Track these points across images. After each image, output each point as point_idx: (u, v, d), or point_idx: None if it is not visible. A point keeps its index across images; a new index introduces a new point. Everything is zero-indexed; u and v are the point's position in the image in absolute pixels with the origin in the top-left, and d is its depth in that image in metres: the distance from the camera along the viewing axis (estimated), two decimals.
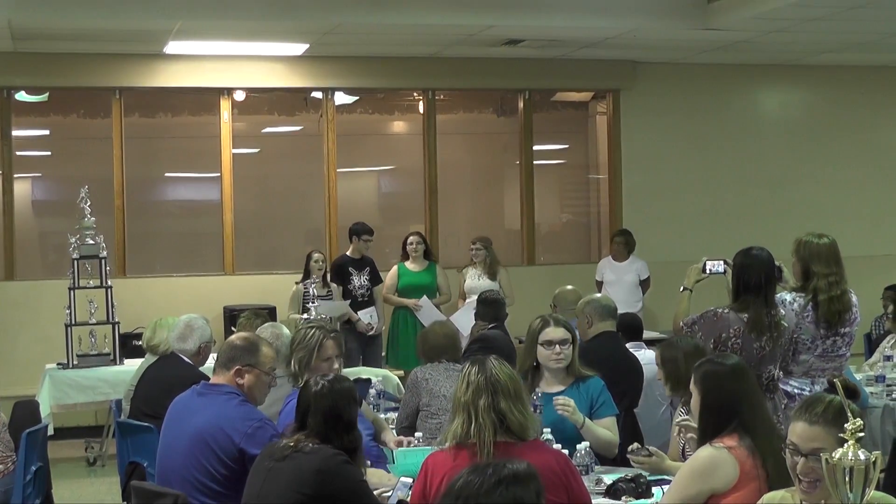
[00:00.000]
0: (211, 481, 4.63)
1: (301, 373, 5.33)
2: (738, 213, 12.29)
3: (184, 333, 6.60)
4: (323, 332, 5.46)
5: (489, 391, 4.08)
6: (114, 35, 10.03)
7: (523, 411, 4.12)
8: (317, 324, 5.71)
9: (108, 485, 8.68)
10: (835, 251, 6.00)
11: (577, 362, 5.59)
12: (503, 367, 4.18)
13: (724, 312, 5.86)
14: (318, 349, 5.35)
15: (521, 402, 4.14)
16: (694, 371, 4.42)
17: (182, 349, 6.57)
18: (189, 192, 12.65)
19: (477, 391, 4.09)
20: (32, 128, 11.67)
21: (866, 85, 12.77)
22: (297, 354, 5.38)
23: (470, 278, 10.81)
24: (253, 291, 10.92)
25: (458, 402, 4.14)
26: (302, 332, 5.50)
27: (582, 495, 4.12)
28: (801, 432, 3.31)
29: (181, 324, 6.66)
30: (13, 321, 10.66)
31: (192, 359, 6.57)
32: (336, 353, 5.42)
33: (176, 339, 6.62)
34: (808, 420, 3.31)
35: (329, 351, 5.38)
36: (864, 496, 2.85)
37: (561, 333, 5.54)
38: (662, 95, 12.25)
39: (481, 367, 4.15)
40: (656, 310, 11.60)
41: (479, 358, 4.24)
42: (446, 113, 12.31)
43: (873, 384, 7.58)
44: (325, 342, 5.39)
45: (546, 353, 5.54)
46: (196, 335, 6.59)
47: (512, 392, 4.12)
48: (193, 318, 6.70)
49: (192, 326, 6.63)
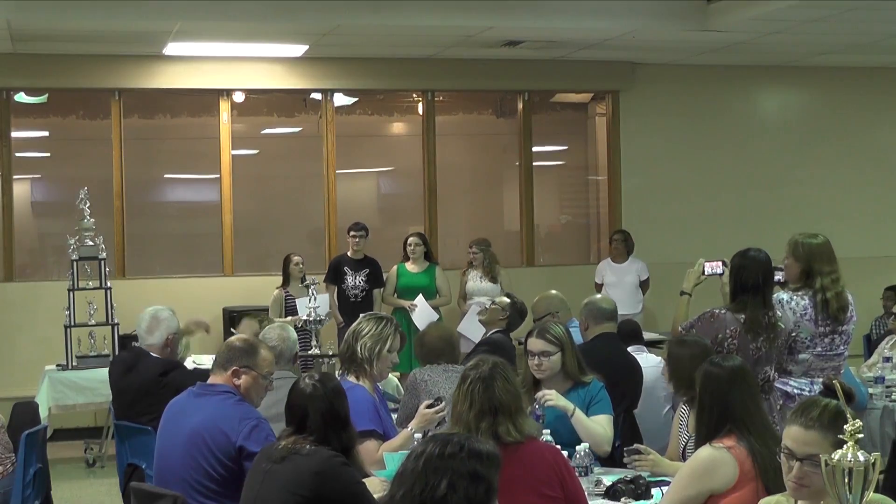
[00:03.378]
0: (209, 481, 4.63)
1: (370, 361, 5.31)
2: (737, 214, 12.29)
3: (150, 326, 6.54)
4: (393, 324, 5.46)
5: (491, 414, 4.11)
6: (113, 36, 10.03)
7: (521, 426, 4.15)
8: (384, 316, 5.65)
9: (107, 486, 8.68)
10: (831, 249, 6.05)
11: (572, 368, 5.51)
12: (507, 385, 4.19)
13: (720, 313, 5.87)
14: (391, 340, 5.35)
15: (520, 416, 4.17)
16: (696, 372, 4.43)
17: (150, 343, 6.53)
18: (188, 193, 12.64)
19: (480, 414, 4.13)
20: (32, 129, 11.66)
21: (865, 86, 12.77)
22: (367, 342, 5.33)
23: (471, 280, 10.80)
24: (252, 293, 10.91)
25: (460, 417, 4.17)
26: (370, 322, 5.42)
27: (576, 489, 4.13)
28: (795, 436, 3.30)
29: (147, 316, 6.58)
30: (12, 322, 10.66)
31: (159, 352, 6.51)
32: (399, 348, 5.44)
33: (144, 332, 6.56)
34: (803, 424, 3.29)
35: (397, 344, 5.40)
36: (863, 498, 2.84)
37: (540, 345, 5.46)
38: (662, 97, 12.25)
39: (486, 386, 4.16)
40: (656, 311, 11.61)
41: (485, 373, 4.21)
42: (445, 114, 12.31)
43: (872, 385, 7.58)
44: (396, 335, 5.40)
45: (529, 362, 5.54)
46: (162, 327, 6.54)
47: (513, 411, 4.15)
48: (159, 309, 6.63)
49: (159, 318, 6.57)
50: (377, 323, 5.42)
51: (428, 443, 3.06)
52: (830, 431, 3.22)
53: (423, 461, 3.00)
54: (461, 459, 2.98)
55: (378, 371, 5.38)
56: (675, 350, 5.47)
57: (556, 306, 7.46)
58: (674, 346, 5.54)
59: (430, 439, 3.09)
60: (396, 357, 5.44)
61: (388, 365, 5.43)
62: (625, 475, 4.79)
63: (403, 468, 3.05)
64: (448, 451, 3.00)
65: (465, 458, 2.99)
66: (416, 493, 2.97)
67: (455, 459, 2.98)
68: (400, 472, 3.06)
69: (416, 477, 2.98)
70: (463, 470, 2.97)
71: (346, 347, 5.44)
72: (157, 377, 6.24)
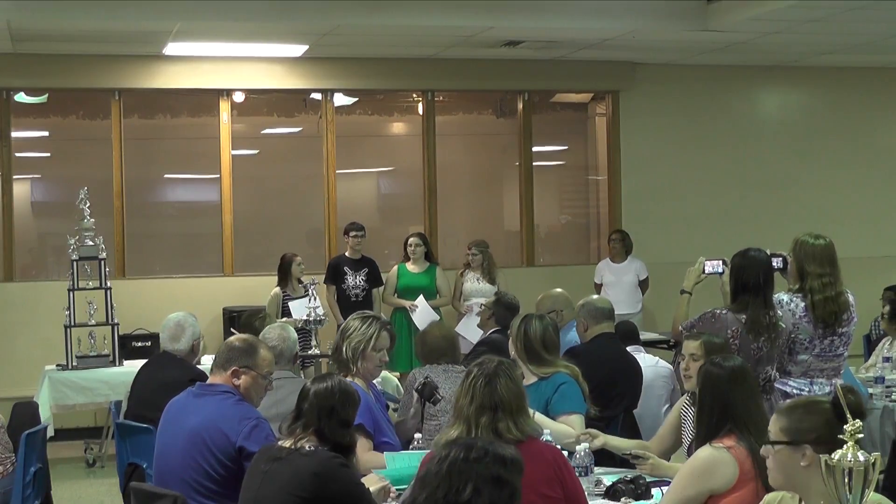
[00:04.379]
0: (209, 481, 4.62)
1: (354, 360, 5.31)
2: (737, 214, 12.29)
3: (175, 333, 6.61)
4: (380, 322, 5.45)
5: (492, 410, 4.11)
6: (113, 36, 10.03)
7: (523, 426, 4.15)
8: (372, 315, 5.64)
9: (107, 486, 8.68)
10: (830, 252, 5.99)
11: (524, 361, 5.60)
12: (509, 384, 4.18)
13: (721, 313, 5.87)
14: (375, 339, 5.34)
15: (522, 415, 4.17)
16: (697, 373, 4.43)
17: (175, 349, 6.59)
18: (188, 193, 12.64)
19: (480, 409, 4.12)
20: (32, 129, 11.66)
21: (865, 86, 12.77)
22: (351, 342, 5.34)
23: (469, 282, 10.80)
24: (252, 293, 10.90)
25: (461, 412, 4.16)
26: (357, 321, 5.43)
27: (576, 489, 4.13)
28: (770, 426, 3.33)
29: (171, 323, 6.66)
30: (12, 322, 10.66)
31: (186, 357, 6.59)
32: (388, 347, 5.42)
33: (168, 339, 6.62)
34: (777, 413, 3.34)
35: (384, 342, 5.38)
36: (863, 497, 2.85)
37: None
38: (661, 97, 12.25)
39: (488, 382, 4.15)
40: (655, 311, 11.61)
41: (489, 369, 4.21)
42: (445, 114, 12.31)
43: (872, 385, 7.59)
44: (382, 333, 5.38)
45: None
46: (188, 333, 6.61)
47: (514, 409, 4.14)
48: (182, 316, 6.70)
49: (183, 325, 6.64)
50: (363, 321, 5.42)
51: (452, 447, 3.08)
52: (783, 416, 3.27)
53: (447, 465, 3.03)
54: (486, 464, 3.01)
55: (364, 369, 5.36)
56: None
57: (561, 304, 7.46)
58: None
59: (454, 443, 3.11)
60: (385, 355, 5.41)
61: (376, 363, 5.40)
62: (625, 475, 4.79)
63: (427, 471, 3.07)
64: (473, 455, 3.02)
65: (490, 462, 3.02)
66: (440, 496, 2.99)
67: (480, 464, 3.01)
68: (423, 475, 3.08)
69: (440, 480, 3.01)
70: (487, 474, 3.00)
71: (335, 346, 5.45)
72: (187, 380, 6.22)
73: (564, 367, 5.63)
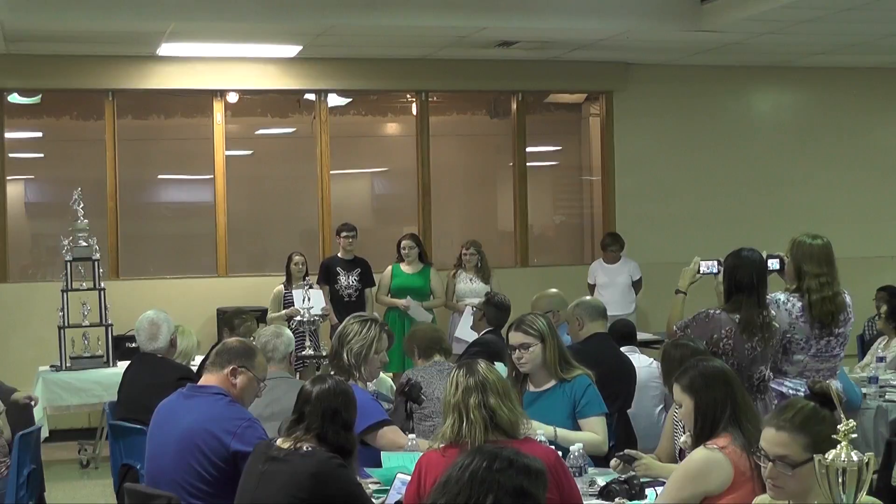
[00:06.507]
0: (201, 483, 4.60)
1: (358, 365, 5.31)
2: (731, 214, 12.29)
3: (152, 332, 6.65)
4: (379, 325, 5.44)
5: (478, 389, 4.13)
6: (107, 37, 10.02)
7: (513, 409, 4.17)
8: (368, 317, 5.63)
9: (101, 487, 8.66)
10: (827, 252, 5.99)
11: (554, 363, 5.45)
12: (491, 369, 4.23)
13: (715, 313, 5.87)
14: (377, 342, 5.34)
15: (510, 400, 4.19)
16: (677, 379, 4.40)
17: (155, 349, 6.59)
18: (182, 193, 12.64)
19: (467, 391, 4.14)
20: (25, 130, 11.65)
21: (859, 86, 12.78)
22: (353, 348, 5.33)
23: (462, 282, 10.79)
24: (246, 293, 10.91)
25: (448, 404, 4.19)
26: (355, 325, 5.40)
27: (573, 493, 4.12)
28: (767, 437, 3.33)
29: (146, 324, 6.68)
30: (6, 323, 10.65)
31: (167, 354, 6.61)
32: (388, 347, 5.42)
33: (147, 339, 6.65)
34: (775, 426, 3.32)
35: (384, 344, 5.38)
36: (857, 497, 2.85)
37: (519, 338, 5.43)
38: (655, 97, 12.26)
39: (469, 369, 4.21)
40: (649, 311, 11.61)
41: (467, 362, 4.29)
42: (439, 114, 12.31)
43: (866, 385, 7.60)
44: (382, 335, 5.38)
45: (512, 357, 5.51)
46: (164, 329, 6.66)
47: (501, 390, 4.17)
48: (153, 314, 6.74)
49: (158, 323, 6.68)
50: (362, 325, 5.41)
51: (475, 455, 3.03)
52: (801, 433, 3.25)
53: (469, 473, 2.97)
54: (509, 475, 2.96)
55: (367, 373, 5.38)
56: (670, 351, 5.47)
57: (557, 304, 7.47)
58: (668, 348, 5.54)
59: (478, 451, 3.06)
60: (386, 356, 5.43)
61: (378, 366, 5.42)
62: (619, 475, 4.79)
63: (448, 477, 3.03)
64: (496, 465, 2.97)
65: (514, 473, 2.96)
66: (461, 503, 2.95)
67: (503, 474, 2.95)
68: (444, 481, 3.03)
69: (460, 487, 2.96)
70: (510, 485, 2.94)
71: (333, 352, 5.44)
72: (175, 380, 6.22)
73: (583, 370, 5.59)
